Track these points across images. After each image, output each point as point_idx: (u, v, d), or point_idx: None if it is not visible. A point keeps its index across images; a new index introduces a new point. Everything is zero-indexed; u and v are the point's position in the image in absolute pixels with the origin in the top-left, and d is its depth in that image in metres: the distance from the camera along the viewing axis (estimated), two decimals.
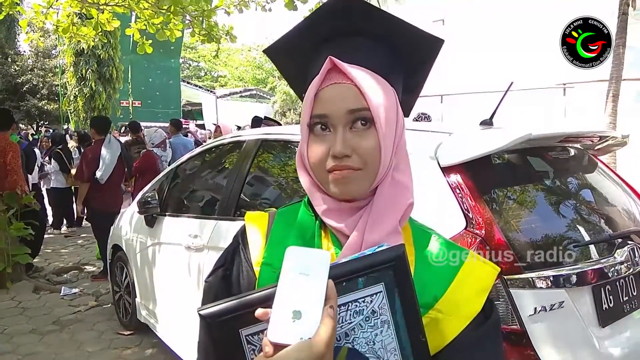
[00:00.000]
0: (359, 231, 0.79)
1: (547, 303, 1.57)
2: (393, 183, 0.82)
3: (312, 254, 0.65)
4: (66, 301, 4.79)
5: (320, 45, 0.83)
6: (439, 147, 1.80)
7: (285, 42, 0.87)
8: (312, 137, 0.80)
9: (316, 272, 0.63)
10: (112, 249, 4.27)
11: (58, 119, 22.69)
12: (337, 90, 0.77)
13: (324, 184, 0.81)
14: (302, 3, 5.05)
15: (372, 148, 0.77)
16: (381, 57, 0.82)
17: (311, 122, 0.79)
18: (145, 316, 3.61)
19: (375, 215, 0.79)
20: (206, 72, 40.40)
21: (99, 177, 5.24)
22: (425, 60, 0.87)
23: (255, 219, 0.91)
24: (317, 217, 0.85)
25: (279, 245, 0.84)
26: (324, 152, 0.78)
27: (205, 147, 3.48)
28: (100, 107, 16.58)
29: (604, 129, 7.60)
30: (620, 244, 1.83)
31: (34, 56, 25.83)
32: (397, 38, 0.83)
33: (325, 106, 0.78)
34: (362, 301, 0.67)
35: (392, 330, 0.68)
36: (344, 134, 0.77)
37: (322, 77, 0.78)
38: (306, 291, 0.62)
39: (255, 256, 0.86)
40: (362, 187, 0.79)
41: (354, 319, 0.67)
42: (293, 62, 0.88)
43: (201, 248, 2.72)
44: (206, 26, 5.61)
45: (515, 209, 1.86)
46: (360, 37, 0.82)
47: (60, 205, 8.10)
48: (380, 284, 0.67)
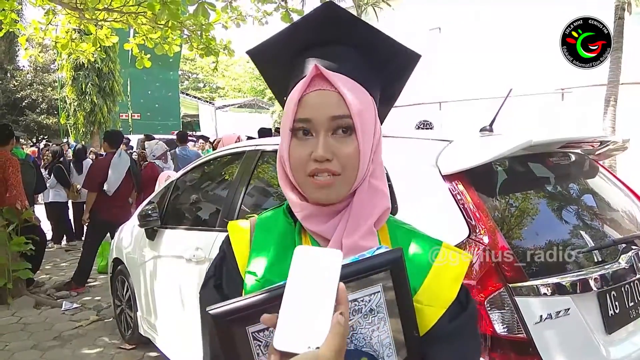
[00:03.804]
0: (338, 235, 0.83)
1: (553, 310, 1.55)
2: (370, 189, 0.86)
3: (322, 254, 0.65)
4: (67, 316, 4.75)
5: (304, 51, 0.86)
6: (440, 155, 1.79)
7: (269, 46, 0.90)
8: (294, 141, 0.83)
9: (326, 274, 0.62)
10: (113, 263, 4.25)
11: (58, 133, 22.73)
12: (321, 97, 0.80)
13: (303, 187, 0.84)
14: (298, 15, 5.08)
15: (352, 154, 0.81)
16: (361, 67, 0.85)
17: (294, 127, 0.82)
18: (147, 330, 3.59)
19: (354, 220, 0.83)
20: (205, 84, 40.56)
21: (106, 188, 5.40)
22: (402, 73, 0.90)
23: (238, 228, 0.94)
24: (296, 223, 0.89)
25: (261, 253, 0.88)
26: (306, 155, 0.81)
27: (205, 159, 3.48)
28: (102, 120, 16.62)
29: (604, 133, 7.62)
30: (624, 249, 1.82)
31: (33, 71, 25.95)
32: (377, 49, 0.86)
33: (309, 111, 0.80)
34: (360, 300, 0.69)
35: (388, 327, 0.71)
36: (326, 138, 0.80)
37: (307, 83, 0.80)
38: (315, 295, 0.61)
39: (242, 264, 0.88)
40: (340, 192, 0.82)
41: (353, 317, 0.69)
42: (275, 65, 0.91)
43: (202, 260, 2.70)
44: (204, 40, 5.65)
45: (517, 216, 1.85)
46: (342, 46, 0.85)
47: (60, 219, 8.08)
48: (379, 284, 0.70)
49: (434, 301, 0.80)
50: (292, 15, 5.07)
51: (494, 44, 10.00)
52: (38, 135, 27.10)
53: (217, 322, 0.67)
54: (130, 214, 4.72)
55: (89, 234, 5.74)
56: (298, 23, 0.89)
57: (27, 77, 25.98)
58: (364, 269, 0.69)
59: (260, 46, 0.91)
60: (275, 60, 0.90)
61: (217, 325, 0.68)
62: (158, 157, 6.69)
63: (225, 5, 5.31)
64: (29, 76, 26.03)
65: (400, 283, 0.71)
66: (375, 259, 0.70)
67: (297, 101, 0.81)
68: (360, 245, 0.80)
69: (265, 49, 0.90)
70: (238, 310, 0.66)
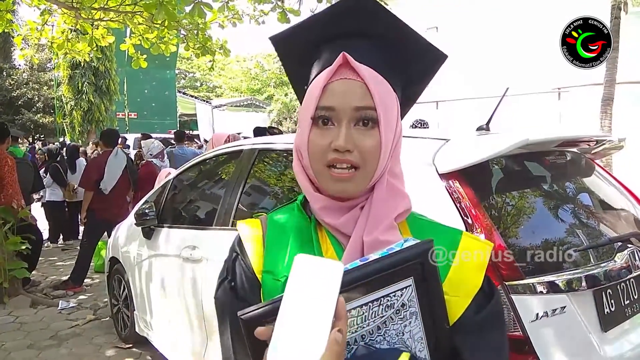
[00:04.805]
0: (358, 232, 0.80)
1: (549, 308, 1.56)
2: (389, 186, 0.84)
3: (322, 265, 0.61)
4: (64, 315, 4.74)
5: (329, 42, 0.84)
6: (437, 154, 1.80)
7: (293, 34, 0.88)
8: (314, 130, 0.81)
9: (326, 287, 0.59)
10: (109, 262, 4.24)
11: (54, 132, 22.66)
12: (346, 85, 0.78)
13: (320, 177, 0.81)
14: (294, 15, 5.08)
15: (373, 147, 0.79)
16: (387, 61, 0.83)
17: (316, 115, 0.80)
18: (144, 329, 3.58)
19: (374, 217, 0.81)
20: (202, 83, 40.48)
21: (102, 187, 5.42)
22: (427, 72, 0.88)
23: (249, 227, 0.91)
24: (311, 218, 0.86)
25: (276, 251, 0.85)
26: (326, 144, 0.79)
27: (201, 158, 3.48)
28: (98, 119, 16.58)
29: (600, 132, 7.64)
30: (620, 247, 1.83)
31: (29, 70, 25.85)
32: (405, 46, 0.84)
33: (333, 99, 0.79)
34: (392, 295, 0.68)
35: (419, 321, 0.70)
36: (348, 129, 0.78)
37: (334, 71, 0.79)
38: (313, 309, 0.58)
39: (256, 264, 0.85)
40: (359, 187, 0.81)
41: (385, 312, 0.69)
42: (297, 54, 0.89)
43: (199, 259, 2.70)
44: (200, 40, 5.64)
45: (514, 214, 1.86)
46: (370, 38, 0.83)
47: (57, 219, 8.06)
48: (410, 278, 0.69)
49: (459, 291, 0.79)
50: (288, 15, 5.06)
51: (491, 43, 10.01)
52: (34, 134, 27.01)
53: (248, 327, 0.64)
54: (127, 213, 4.71)
55: (86, 232, 5.73)
56: (325, 12, 0.86)
57: (23, 75, 25.89)
58: (395, 263, 0.68)
59: (284, 33, 0.89)
60: (299, 49, 0.88)
61: (248, 330, 0.64)
62: (155, 156, 6.69)
63: (222, 5, 5.30)
64: (25, 75, 25.93)
65: (432, 275, 0.70)
66: (406, 252, 0.69)
67: (322, 88, 0.79)
68: (381, 240, 0.78)
69: (289, 36, 0.88)
70: (268, 314, 0.63)
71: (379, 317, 0.69)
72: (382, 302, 0.68)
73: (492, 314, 0.81)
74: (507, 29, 10.05)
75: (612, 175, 2.41)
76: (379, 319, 0.69)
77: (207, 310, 2.62)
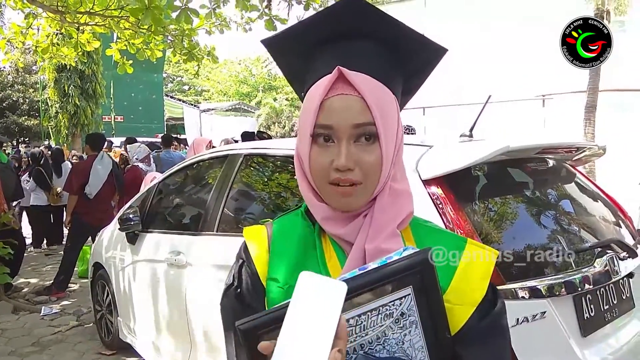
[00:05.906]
0: (360, 241, 0.80)
1: (529, 313, 1.58)
2: (391, 192, 0.83)
3: (326, 285, 0.62)
4: (46, 321, 4.68)
5: (324, 44, 0.82)
6: (420, 160, 1.81)
7: (287, 37, 0.86)
8: (314, 148, 0.79)
9: (329, 306, 0.60)
10: (93, 267, 4.19)
11: (39, 135, 22.37)
12: (344, 102, 0.77)
13: (323, 193, 0.81)
14: (281, 23, 5.09)
15: (375, 162, 0.78)
16: (384, 63, 0.82)
17: (314, 132, 0.78)
18: (128, 335, 3.55)
19: (376, 225, 0.80)
20: (190, 87, 40.26)
21: (87, 191, 5.37)
22: (425, 67, 0.87)
23: (254, 234, 0.91)
24: (315, 225, 0.86)
25: (281, 258, 0.85)
26: (327, 163, 0.78)
27: (187, 163, 3.46)
28: (84, 122, 16.41)
29: (582, 139, 7.73)
30: (599, 253, 1.85)
31: (14, 72, 25.52)
32: (402, 43, 0.83)
33: (331, 117, 0.77)
34: (391, 304, 0.68)
35: (420, 330, 0.70)
36: (348, 147, 0.77)
37: (329, 87, 0.77)
38: (315, 328, 0.59)
39: (262, 271, 0.86)
40: (362, 200, 0.80)
41: (384, 321, 0.69)
42: (292, 57, 0.87)
43: (184, 265, 2.69)
44: (187, 46, 5.62)
45: (496, 220, 1.88)
46: (365, 40, 0.81)
47: (41, 224, 7.95)
48: (409, 287, 0.69)
49: (463, 300, 0.78)
50: (275, 23, 5.08)
51: (477, 51, 10.12)
52: (19, 138, 26.65)
53: (246, 336, 0.65)
54: (112, 218, 4.67)
55: (70, 237, 5.67)
56: (320, 14, 0.83)
57: (8, 77, 25.55)
58: (393, 272, 0.68)
59: (277, 36, 0.87)
60: (293, 52, 0.86)
61: (246, 340, 0.65)
62: (141, 160, 6.65)
63: (209, 12, 5.29)
64: (10, 77, 25.60)
65: (431, 284, 0.70)
66: (403, 261, 0.69)
67: (318, 105, 0.77)
68: (383, 249, 0.77)
69: (282, 39, 0.86)
70: (267, 324, 0.64)
71: (378, 326, 0.69)
72: (380, 311, 0.68)
73: (495, 322, 0.80)
74: (492, 36, 10.17)
75: (593, 182, 2.44)
76: (378, 328, 0.69)
77: (192, 316, 2.60)
